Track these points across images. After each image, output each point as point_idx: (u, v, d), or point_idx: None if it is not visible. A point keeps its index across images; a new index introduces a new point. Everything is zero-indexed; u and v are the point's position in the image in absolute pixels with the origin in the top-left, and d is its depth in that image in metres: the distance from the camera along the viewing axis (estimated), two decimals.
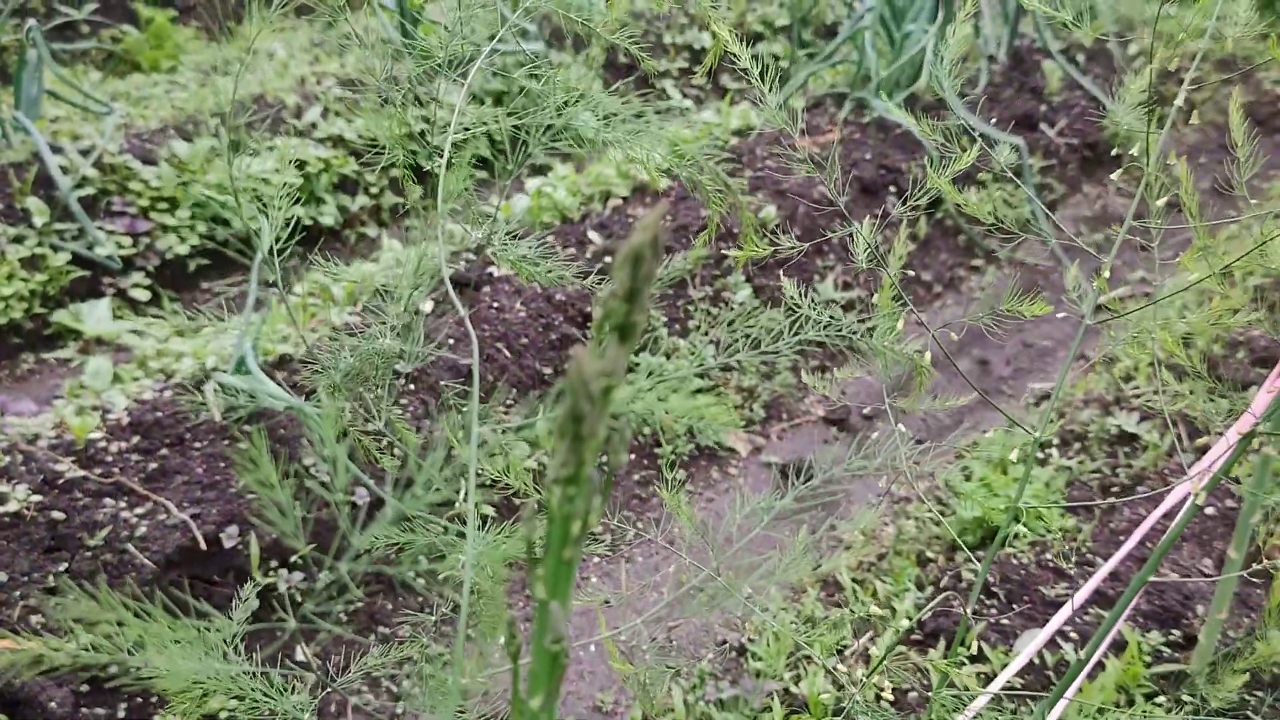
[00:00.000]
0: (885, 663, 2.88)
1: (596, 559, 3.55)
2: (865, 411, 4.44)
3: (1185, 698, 2.61)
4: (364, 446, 1.58)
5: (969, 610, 1.45)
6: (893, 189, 5.25)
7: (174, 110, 5.22)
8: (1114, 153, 3.95)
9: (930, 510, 3.63)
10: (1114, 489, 3.43)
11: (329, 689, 2.86)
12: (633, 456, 3.86)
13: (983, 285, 5.30)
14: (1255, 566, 1.82)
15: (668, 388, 0.88)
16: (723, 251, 4.50)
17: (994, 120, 5.86)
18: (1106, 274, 1.43)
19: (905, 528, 3.52)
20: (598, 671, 3.19)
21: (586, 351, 0.60)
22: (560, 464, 0.63)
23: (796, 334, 1.31)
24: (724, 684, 3.04)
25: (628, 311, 0.62)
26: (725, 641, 3.27)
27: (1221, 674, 2.38)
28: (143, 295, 4.31)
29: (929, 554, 3.39)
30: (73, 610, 0.80)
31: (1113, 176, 1.47)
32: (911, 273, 5.21)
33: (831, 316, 1.42)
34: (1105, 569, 1.87)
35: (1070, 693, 1.52)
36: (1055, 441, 3.82)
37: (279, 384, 3.37)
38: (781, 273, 4.60)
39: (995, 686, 1.95)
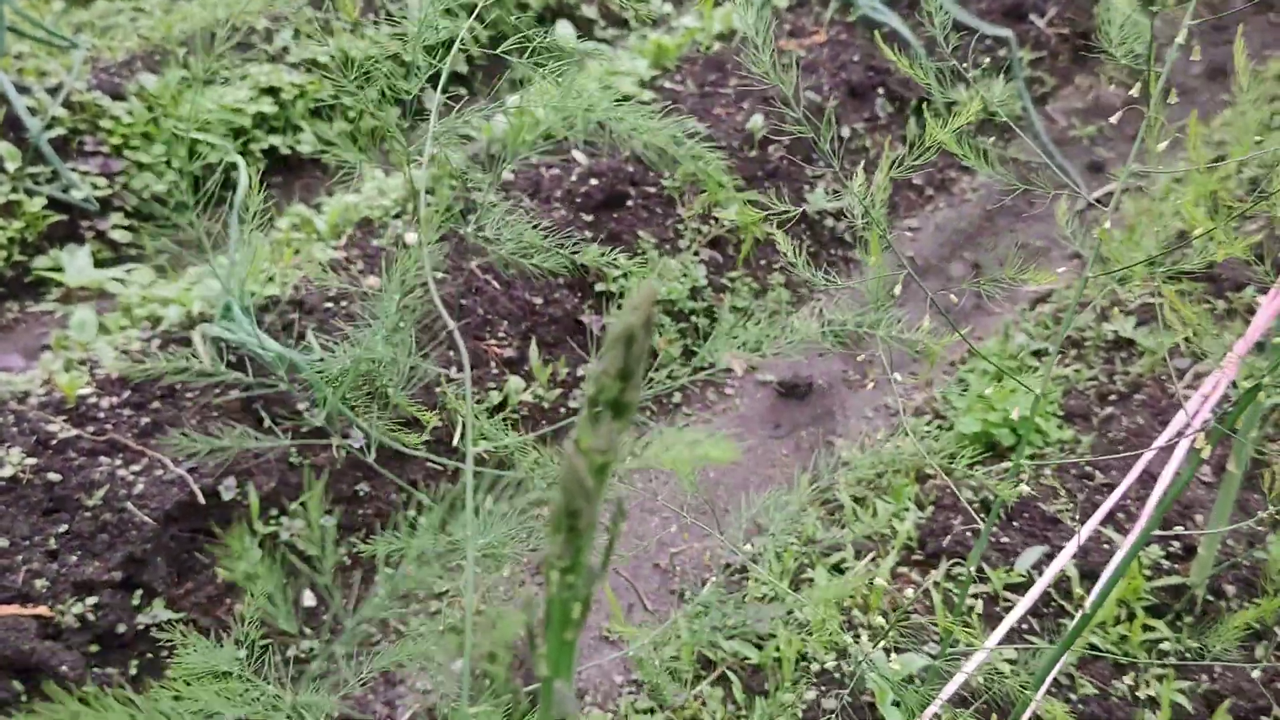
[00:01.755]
0: (887, 584, 2.91)
1: None
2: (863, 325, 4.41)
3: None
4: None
5: (978, 532, 1.44)
6: (881, 90, 5.14)
7: (140, 40, 5.07)
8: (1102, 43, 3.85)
9: (928, 425, 3.63)
10: (1111, 397, 3.43)
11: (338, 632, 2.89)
12: None
13: (974, 186, 5.23)
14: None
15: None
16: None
17: (983, 13, 5.71)
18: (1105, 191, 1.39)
19: (903, 444, 3.52)
20: (603, 601, 3.22)
21: (577, 447, 0.57)
22: (557, 555, 0.60)
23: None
24: (728, 609, 3.06)
25: (622, 389, 0.59)
26: (729, 565, 3.29)
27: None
28: (123, 236, 4.24)
29: (928, 470, 3.40)
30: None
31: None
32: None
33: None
34: (1106, 505, 1.86)
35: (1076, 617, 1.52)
36: (1049, 349, 3.81)
37: (267, 329, 3.33)
38: (770, 186, 4.53)
39: (1013, 617, 1.96)
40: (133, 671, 2.65)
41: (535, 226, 3.80)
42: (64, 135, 4.28)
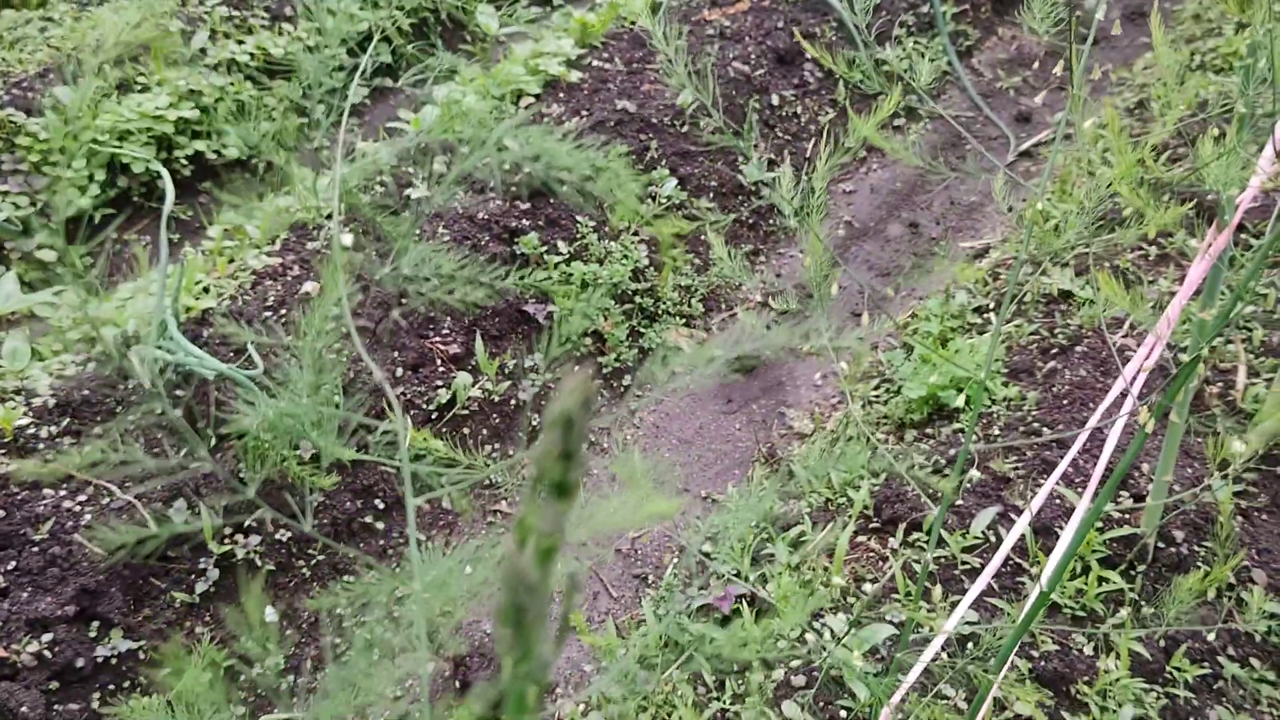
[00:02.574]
0: (845, 554, 2.93)
1: None
2: (803, 291, 4.43)
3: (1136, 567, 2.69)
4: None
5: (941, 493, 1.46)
6: (808, 56, 5.14)
7: (51, 50, 4.93)
8: None
9: (876, 391, 3.66)
10: (1054, 350, 3.47)
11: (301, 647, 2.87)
12: (577, 367, 3.83)
13: (906, 145, 5.26)
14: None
15: None
16: (644, 143, 4.40)
17: None
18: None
19: (852, 411, 3.55)
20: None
21: (516, 551, 0.57)
22: (507, 648, 0.60)
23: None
24: (692, 590, 3.08)
25: (564, 470, 0.59)
26: (684, 548, 3.31)
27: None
28: (50, 256, 4.14)
29: (879, 435, 3.43)
30: None
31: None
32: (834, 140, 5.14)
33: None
34: (1055, 474, 1.89)
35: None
36: (991, 305, 3.85)
37: (205, 343, 3.28)
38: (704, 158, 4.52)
39: (970, 596, 1.99)
40: (95, 705, 2.62)
41: (472, 220, 3.77)
42: None
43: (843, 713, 2.47)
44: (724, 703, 2.64)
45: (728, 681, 2.70)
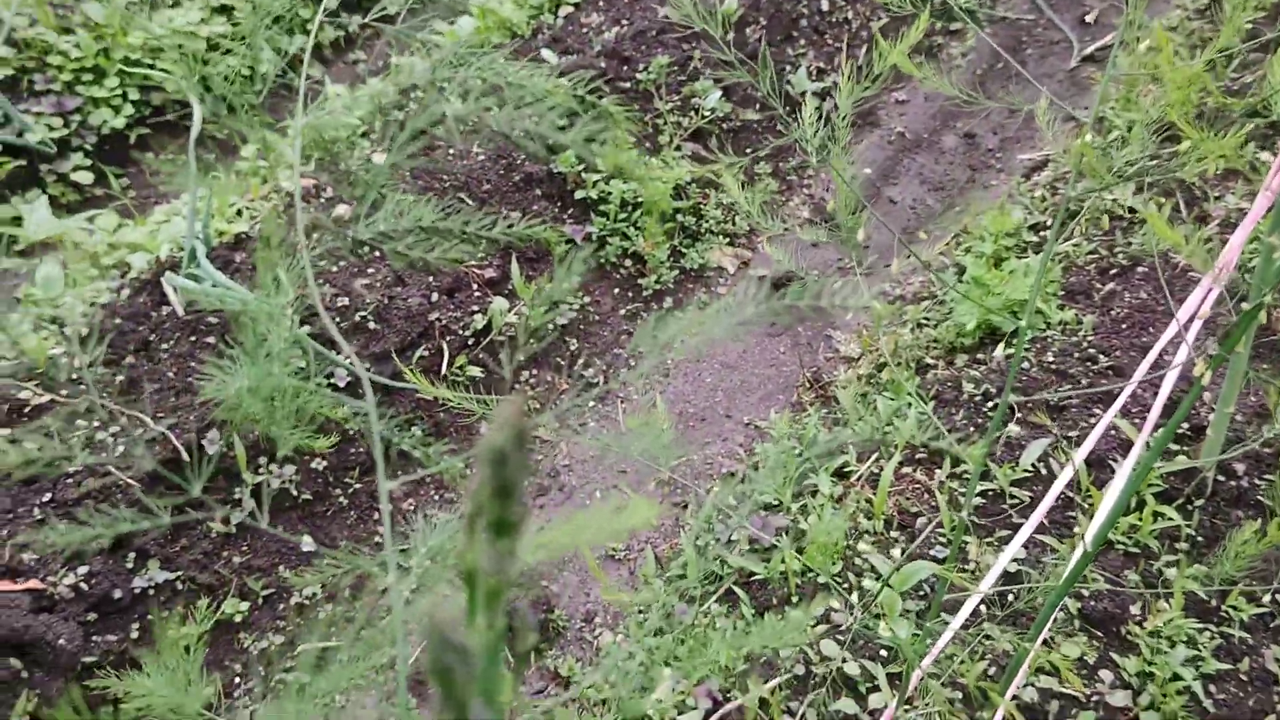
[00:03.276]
0: (889, 486, 2.85)
1: (592, 402, 3.49)
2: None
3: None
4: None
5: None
6: None
7: None
8: None
9: (927, 314, 3.53)
10: (1113, 271, 3.31)
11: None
12: (616, 290, 3.74)
13: (964, 50, 5.02)
14: None
15: None
16: (686, 53, 4.23)
17: None
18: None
19: (901, 336, 3.43)
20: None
21: (437, 604, 0.49)
22: (439, 711, 0.52)
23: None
24: (733, 521, 3.02)
25: (503, 507, 0.51)
26: (733, 473, 3.24)
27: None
28: (86, 178, 4.10)
29: (928, 360, 3.32)
30: None
31: None
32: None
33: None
34: (1112, 411, 1.77)
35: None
36: (1048, 223, 3.68)
37: (237, 270, 3.23)
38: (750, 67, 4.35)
39: (1030, 525, 1.89)
40: (133, 636, 2.63)
41: (508, 137, 3.65)
42: (11, 76, 4.10)
43: (883, 651, 2.41)
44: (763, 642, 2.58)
45: (767, 617, 2.64)
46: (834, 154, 1.57)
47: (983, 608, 2.41)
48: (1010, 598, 2.44)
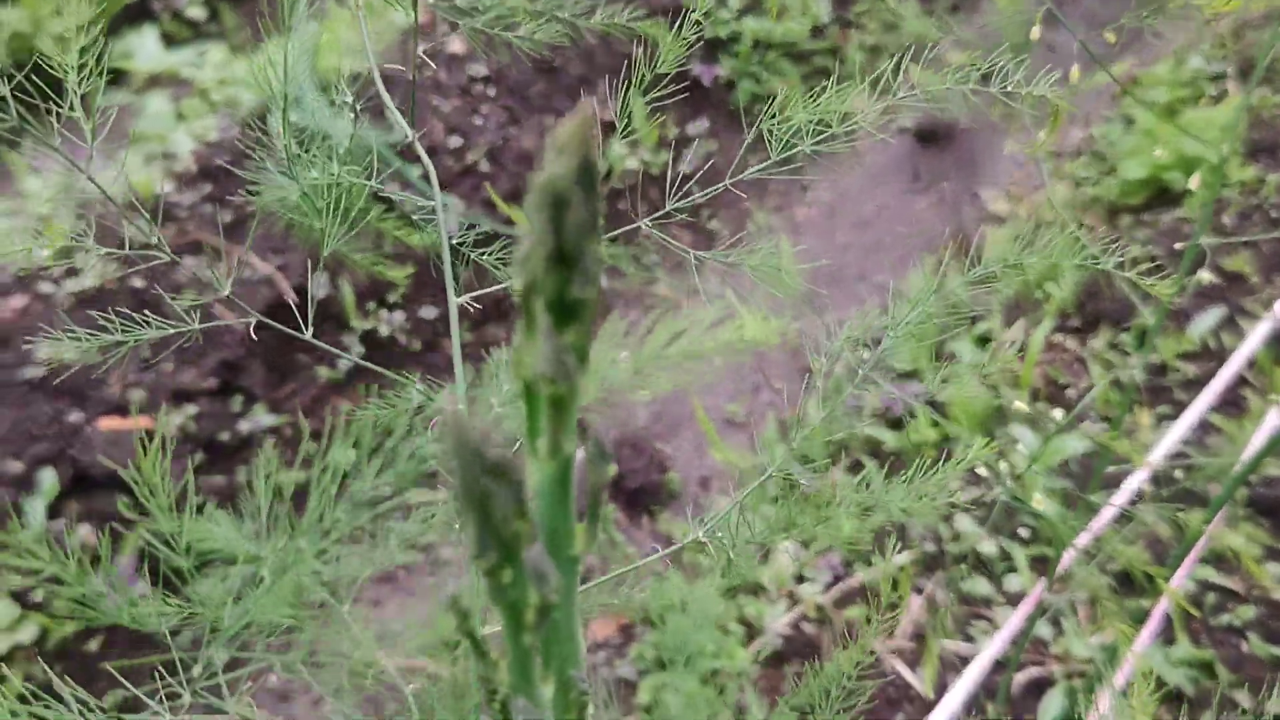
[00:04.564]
0: (1038, 355, 2.60)
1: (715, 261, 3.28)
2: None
3: None
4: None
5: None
6: None
7: None
8: None
9: (1087, 170, 3.20)
10: None
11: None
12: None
13: None
14: None
15: None
16: None
17: None
18: None
19: (1058, 191, 3.11)
20: (724, 383, 3.00)
21: (456, 410, 0.30)
22: (475, 555, 0.34)
23: None
24: (864, 387, 2.82)
25: (562, 280, 0.31)
26: (858, 340, 3.02)
27: None
28: (199, 13, 3.98)
29: (1086, 221, 3.01)
30: None
31: None
32: None
33: None
34: None
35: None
36: (1230, 72, 3.28)
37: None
38: None
39: (1199, 405, 1.66)
40: (240, 479, 2.58)
41: None
42: None
43: (1023, 531, 2.20)
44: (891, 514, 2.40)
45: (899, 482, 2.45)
46: None
47: (1145, 488, 2.18)
48: (1177, 475, 2.20)
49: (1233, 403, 2.35)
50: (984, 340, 2.73)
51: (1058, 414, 2.44)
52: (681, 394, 3.00)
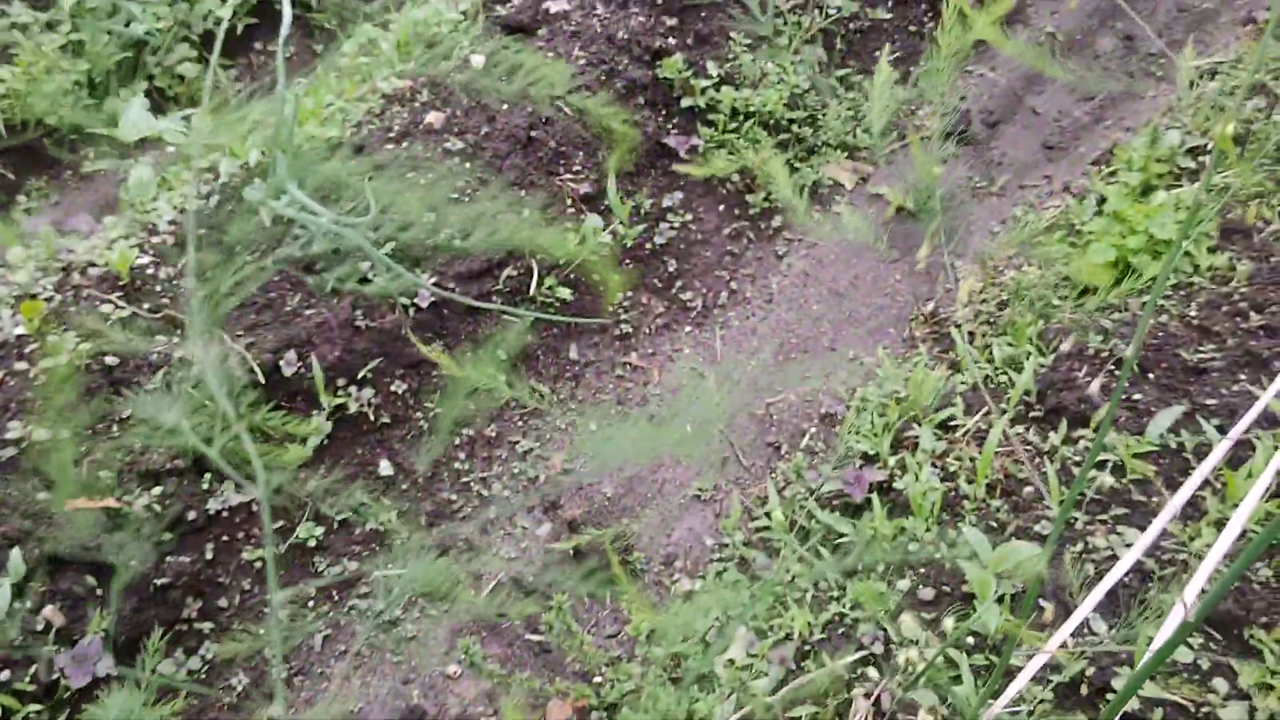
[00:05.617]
0: (998, 447, 2.61)
1: (689, 328, 3.30)
2: (990, 117, 3.91)
3: None
4: None
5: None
6: None
7: None
8: None
9: (1060, 241, 3.21)
10: None
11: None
12: (721, 208, 3.51)
13: None
14: None
15: None
16: None
17: None
18: None
19: (1027, 274, 3.13)
20: (694, 455, 3.03)
21: None
22: None
23: None
24: (824, 469, 2.84)
25: None
26: (828, 415, 3.04)
27: None
28: (191, 70, 4.03)
29: (1055, 301, 3.02)
30: None
31: None
32: None
33: None
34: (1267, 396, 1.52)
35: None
36: (1209, 147, 3.28)
37: (322, 182, 3.12)
38: None
39: (1156, 527, 1.67)
40: (208, 557, 2.62)
41: (610, 40, 3.42)
42: None
43: (969, 639, 2.22)
44: (843, 606, 2.42)
45: (850, 583, 2.47)
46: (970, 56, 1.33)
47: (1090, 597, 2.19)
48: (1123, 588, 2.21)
49: (1190, 503, 2.36)
50: (946, 426, 2.75)
51: (1014, 508, 2.46)
52: (654, 464, 3.03)
